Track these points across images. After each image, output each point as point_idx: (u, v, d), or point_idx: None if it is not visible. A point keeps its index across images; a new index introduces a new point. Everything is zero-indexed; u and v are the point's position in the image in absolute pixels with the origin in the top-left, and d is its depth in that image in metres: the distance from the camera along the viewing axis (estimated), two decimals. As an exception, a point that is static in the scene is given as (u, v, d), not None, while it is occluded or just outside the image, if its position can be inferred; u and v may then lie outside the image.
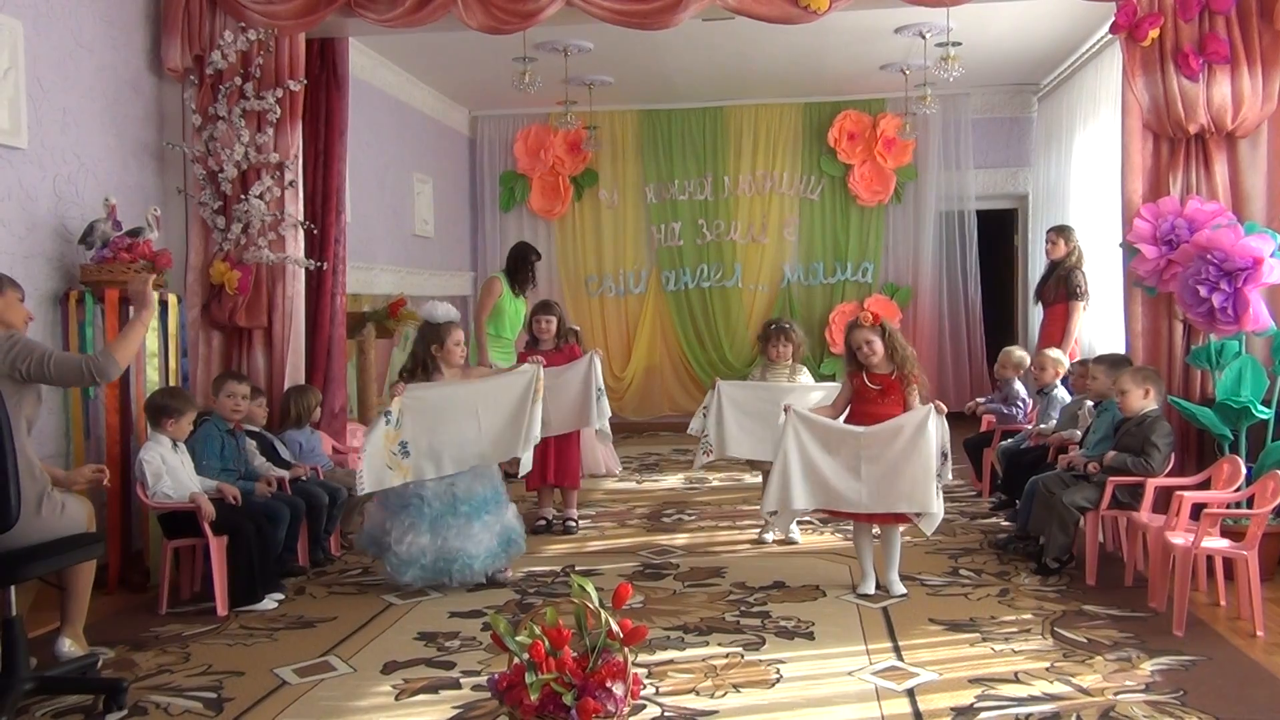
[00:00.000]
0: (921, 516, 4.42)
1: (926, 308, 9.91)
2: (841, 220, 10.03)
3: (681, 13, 5.27)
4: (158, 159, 5.54)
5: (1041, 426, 6.01)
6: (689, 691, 3.46)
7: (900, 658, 3.77)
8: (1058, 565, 4.77)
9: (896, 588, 4.55)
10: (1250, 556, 3.95)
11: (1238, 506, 4.41)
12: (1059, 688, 3.42)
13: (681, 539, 5.72)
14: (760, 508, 5.52)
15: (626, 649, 2.84)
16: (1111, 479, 4.66)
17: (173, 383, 5.07)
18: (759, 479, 6.05)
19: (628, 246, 10.32)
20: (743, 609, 4.38)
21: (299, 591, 4.78)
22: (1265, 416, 4.69)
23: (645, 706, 3.31)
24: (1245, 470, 4.40)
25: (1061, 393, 6.16)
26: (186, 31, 5.46)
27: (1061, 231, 7.23)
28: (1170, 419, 4.86)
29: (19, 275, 3.88)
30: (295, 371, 5.66)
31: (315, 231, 5.82)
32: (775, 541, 5.57)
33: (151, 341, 4.93)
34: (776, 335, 5.65)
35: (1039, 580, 4.71)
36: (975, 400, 7.41)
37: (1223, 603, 4.32)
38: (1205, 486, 4.50)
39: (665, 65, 8.60)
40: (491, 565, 4.75)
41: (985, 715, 3.22)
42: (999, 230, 10.36)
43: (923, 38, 7.66)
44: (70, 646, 3.78)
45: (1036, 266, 9.09)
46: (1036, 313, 8.07)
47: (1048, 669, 3.60)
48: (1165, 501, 4.39)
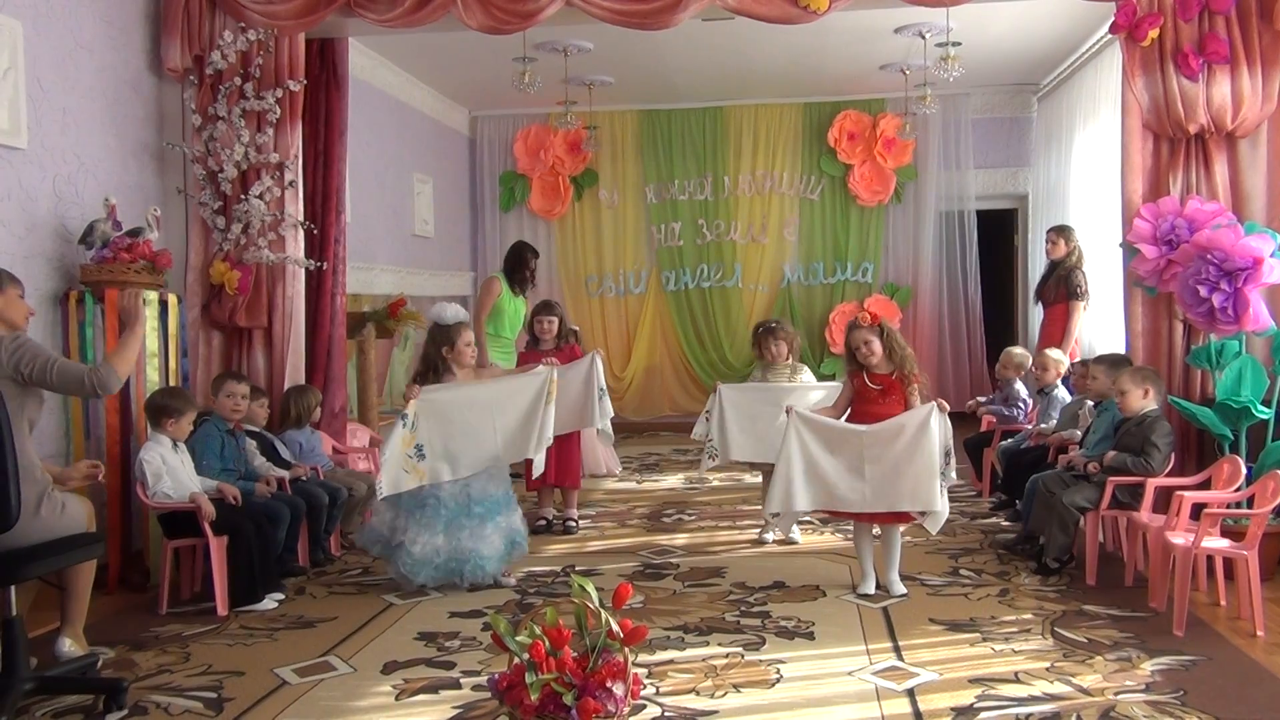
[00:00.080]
0: (926, 515, 4.42)
1: (926, 308, 9.91)
2: (841, 220, 10.03)
3: (681, 13, 5.28)
4: (158, 159, 5.54)
5: (1042, 426, 6.01)
6: (689, 691, 3.46)
7: (900, 658, 3.77)
8: (1058, 565, 4.77)
9: (897, 588, 4.55)
10: (1250, 556, 3.95)
11: (1238, 506, 4.41)
12: (1059, 688, 3.42)
13: (681, 539, 5.72)
14: (762, 509, 5.54)
15: (627, 649, 2.83)
16: (1111, 479, 4.66)
17: (173, 383, 5.07)
18: (759, 479, 6.05)
19: (628, 247, 10.31)
20: (743, 609, 4.38)
21: (299, 591, 4.78)
22: (1265, 416, 4.69)
23: (645, 706, 3.31)
24: (1245, 470, 4.40)
25: (1062, 392, 6.17)
26: (186, 32, 5.46)
27: (1061, 231, 7.23)
28: (1170, 419, 4.86)
29: (19, 275, 3.87)
30: (295, 371, 5.66)
31: (315, 231, 5.83)
32: (775, 541, 5.57)
33: (151, 341, 4.93)
34: (765, 337, 5.66)
35: (1039, 580, 4.71)
36: (976, 399, 7.42)
37: (1223, 603, 4.32)
38: (1205, 486, 4.50)
39: (665, 65, 8.60)
40: (499, 567, 4.75)
41: (985, 715, 3.22)
42: (999, 230, 10.35)
43: (923, 38, 7.66)
44: (70, 646, 3.78)
45: (1036, 266, 9.10)
46: (1036, 313, 8.08)
47: (1048, 669, 3.59)
48: (1165, 501, 4.39)
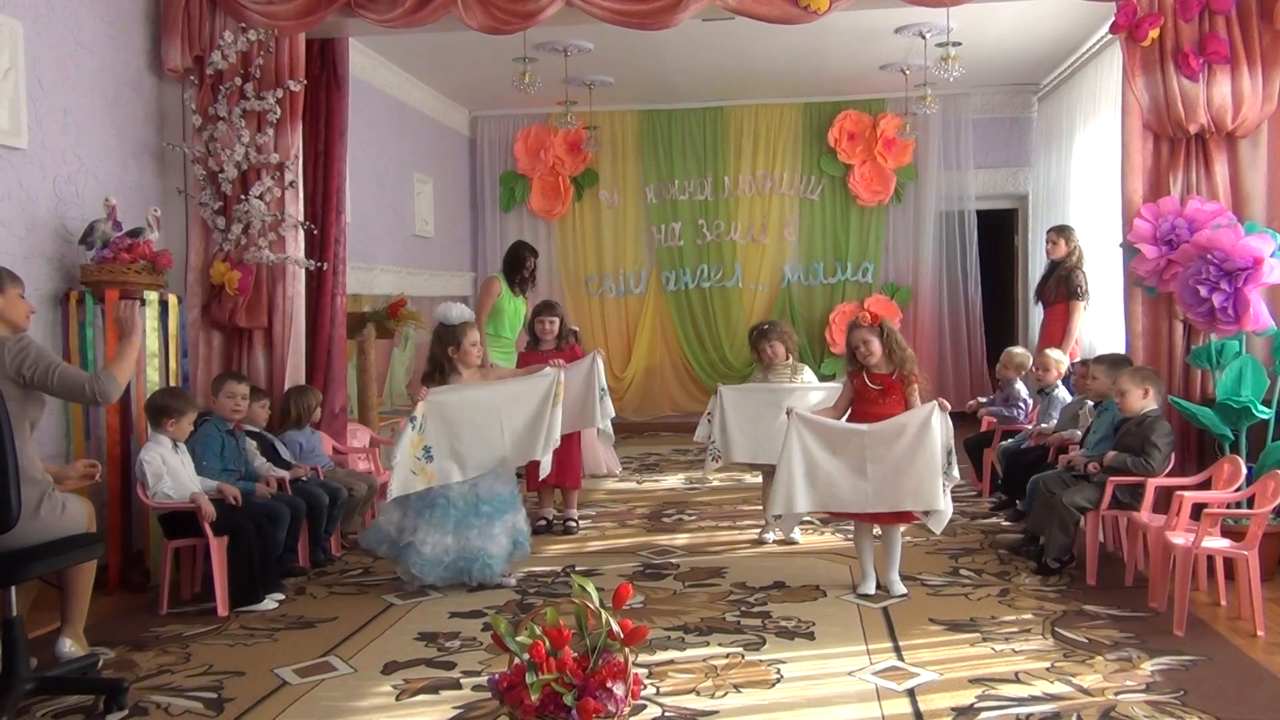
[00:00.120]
0: (929, 515, 4.42)
1: (926, 308, 9.91)
2: (841, 220, 10.03)
3: (681, 13, 5.27)
4: (158, 159, 5.54)
5: (1042, 426, 6.01)
6: (689, 691, 3.46)
7: (901, 658, 3.77)
8: (1058, 565, 4.77)
9: (897, 588, 4.55)
10: (1250, 556, 3.95)
11: (1238, 506, 4.41)
12: (1059, 688, 3.42)
13: (682, 539, 5.72)
14: (764, 510, 5.54)
15: (627, 649, 2.83)
16: (1112, 479, 4.66)
17: (173, 383, 5.07)
18: (759, 479, 6.05)
19: (628, 247, 10.31)
20: (743, 609, 4.38)
21: (299, 592, 4.78)
22: (1265, 416, 4.69)
23: (645, 706, 3.31)
24: (1245, 470, 4.40)
25: (1062, 392, 6.17)
26: (186, 32, 5.46)
27: (1062, 231, 7.23)
28: (1170, 419, 4.86)
29: (19, 275, 3.87)
30: (295, 372, 5.66)
31: (315, 232, 5.82)
32: (775, 541, 5.57)
33: (152, 342, 4.93)
34: (760, 340, 5.66)
35: (1039, 580, 4.71)
36: (976, 400, 7.41)
37: (1223, 603, 4.32)
38: (1205, 486, 4.50)
39: (665, 65, 8.60)
40: (505, 567, 4.76)
41: (985, 715, 3.22)
42: (999, 230, 10.35)
43: (923, 38, 7.66)
44: (71, 647, 3.78)
45: (1036, 266, 9.09)
46: (1037, 313, 8.08)
47: (1048, 669, 3.60)
48: (1165, 501, 4.39)
